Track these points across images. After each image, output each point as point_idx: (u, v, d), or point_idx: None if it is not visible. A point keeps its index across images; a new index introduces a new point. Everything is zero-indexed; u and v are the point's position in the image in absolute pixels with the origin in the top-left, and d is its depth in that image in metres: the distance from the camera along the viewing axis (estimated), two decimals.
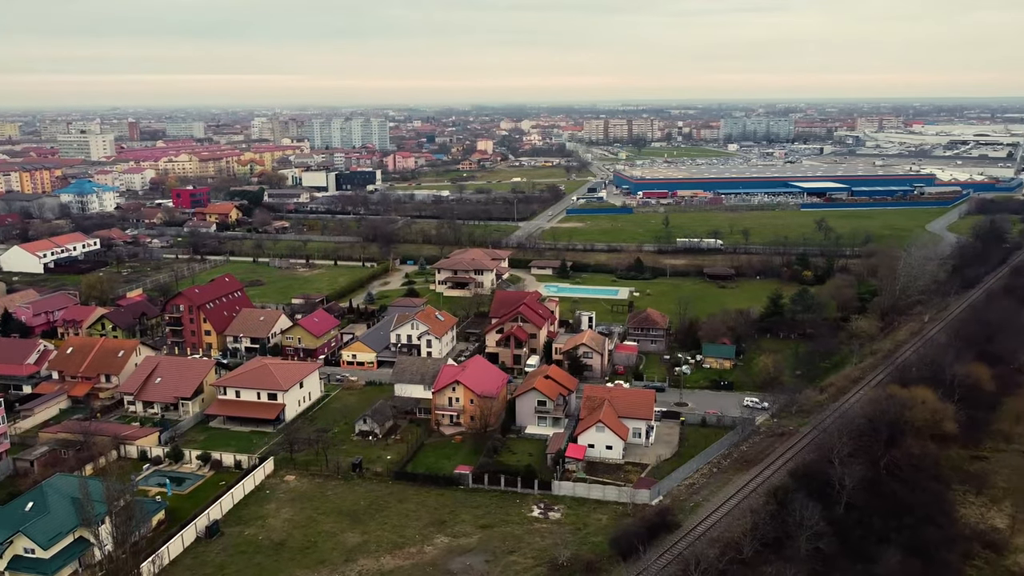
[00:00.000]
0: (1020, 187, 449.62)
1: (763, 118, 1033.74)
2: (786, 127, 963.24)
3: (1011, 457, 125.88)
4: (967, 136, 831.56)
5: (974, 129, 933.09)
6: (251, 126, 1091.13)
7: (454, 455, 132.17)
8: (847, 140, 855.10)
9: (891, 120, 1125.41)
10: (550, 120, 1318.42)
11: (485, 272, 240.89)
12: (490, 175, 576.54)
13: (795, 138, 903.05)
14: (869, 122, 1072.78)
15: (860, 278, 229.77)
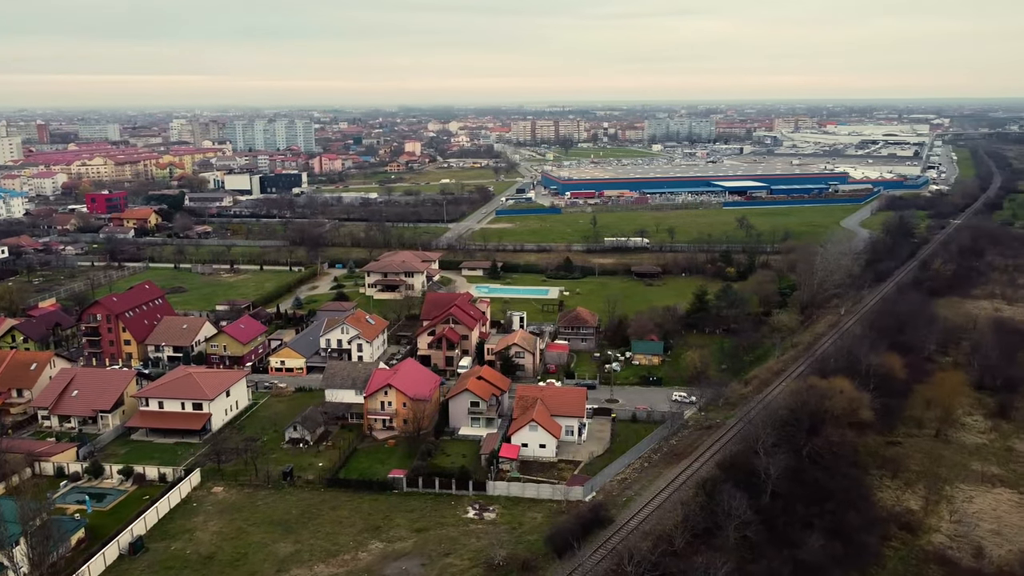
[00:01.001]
0: (926, 184, 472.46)
1: (686, 119, 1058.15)
2: (708, 128, 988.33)
3: (923, 442, 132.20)
4: (877, 136, 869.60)
5: (883, 129, 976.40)
6: (170, 128, 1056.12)
7: (388, 459, 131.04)
8: (765, 140, 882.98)
9: (806, 121, 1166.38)
10: (478, 121, 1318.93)
11: (416, 274, 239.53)
12: (419, 177, 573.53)
13: (716, 138, 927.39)
14: (786, 123, 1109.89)
15: (780, 273, 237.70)
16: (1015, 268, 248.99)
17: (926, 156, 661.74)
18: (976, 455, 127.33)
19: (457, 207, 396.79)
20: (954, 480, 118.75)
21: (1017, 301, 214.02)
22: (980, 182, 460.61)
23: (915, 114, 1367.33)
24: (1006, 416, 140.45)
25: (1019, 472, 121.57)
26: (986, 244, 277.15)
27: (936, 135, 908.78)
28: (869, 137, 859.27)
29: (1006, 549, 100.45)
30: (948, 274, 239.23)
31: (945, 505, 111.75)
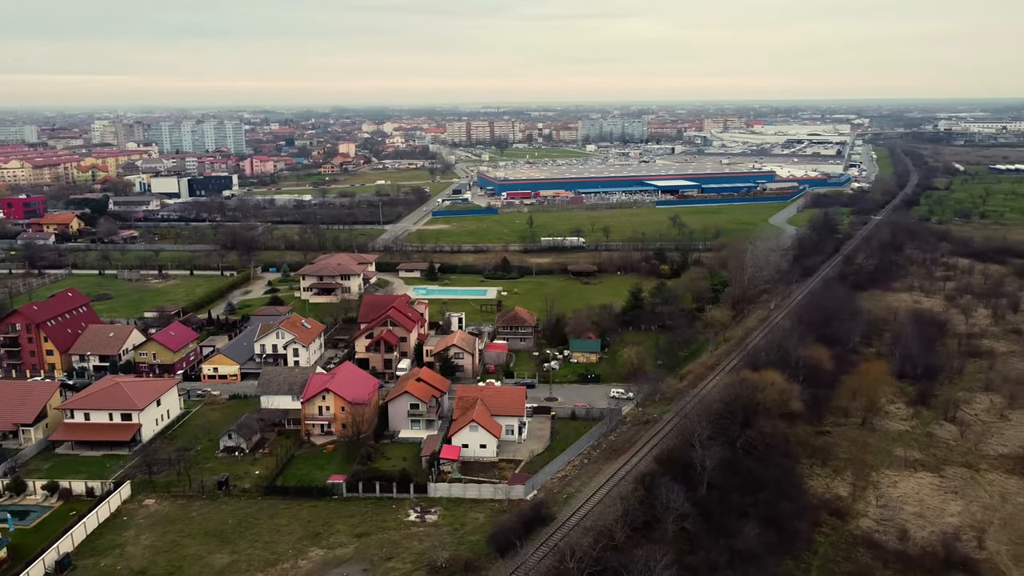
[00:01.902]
0: (848, 182, 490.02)
1: (618, 119, 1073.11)
2: (640, 128, 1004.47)
3: (850, 430, 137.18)
4: (802, 135, 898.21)
5: (807, 129, 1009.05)
6: (91, 130, 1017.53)
7: (327, 465, 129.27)
8: (696, 140, 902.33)
9: (735, 121, 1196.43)
10: (412, 122, 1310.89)
11: (352, 277, 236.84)
12: (353, 178, 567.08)
13: (648, 138, 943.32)
14: (715, 123, 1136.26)
15: (712, 270, 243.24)
16: (932, 262, 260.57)
17: (848, 155, 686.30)
18: (899, 441, 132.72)
19: (393, 208, 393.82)
20: (879, 466, 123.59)
21: (934, 293, 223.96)
22: (898, 179, 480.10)
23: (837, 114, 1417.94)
24: (926, 403, 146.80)
25: (939, 456, 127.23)
26: (905, 239, 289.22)
27: (857, 134, 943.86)
28: (794, 137, 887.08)
29: (928, 531, 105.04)
30: (870, 268, 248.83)
31: (871, 490, 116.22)
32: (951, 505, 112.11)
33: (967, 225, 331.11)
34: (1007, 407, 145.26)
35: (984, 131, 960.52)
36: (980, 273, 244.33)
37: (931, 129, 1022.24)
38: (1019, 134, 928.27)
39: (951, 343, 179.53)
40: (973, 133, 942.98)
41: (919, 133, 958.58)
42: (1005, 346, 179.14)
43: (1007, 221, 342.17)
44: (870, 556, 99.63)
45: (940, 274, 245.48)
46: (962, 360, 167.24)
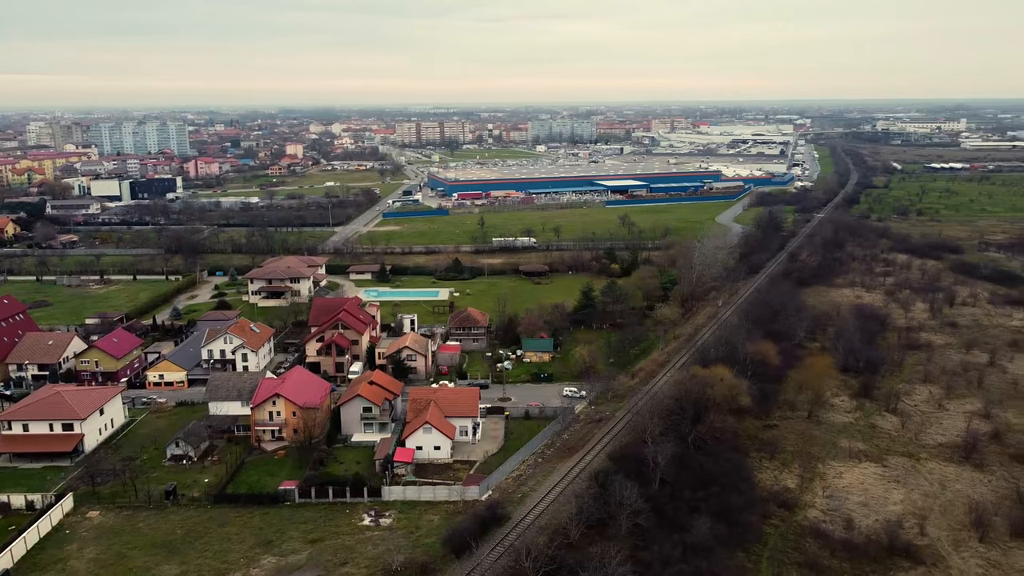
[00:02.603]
0: (792, 181, 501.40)
1: (568, 120, 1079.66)
2: (589, 129, 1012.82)
3: (796, 423, 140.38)
4: (746, 136, 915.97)
5: (752, 129, 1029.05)
6: (26, 131, 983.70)
7: (278, 471, 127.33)
8: (644, 140, 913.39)
9: (681, 122, 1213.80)
10: (361, 123, 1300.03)
11: (302, 280, 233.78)
12: (302, 180, 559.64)
13: (597, 139, 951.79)
14: (662, 123, 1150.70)
15: (662, 268, 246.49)
16: (872, 258, 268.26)
17: (791, 154, 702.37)
18: (844, 433, 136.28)
19: (343, 210, 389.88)
20: (825, 458, 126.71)
21: (875, 288, 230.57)
22: (839, 178, 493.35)
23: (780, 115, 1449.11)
24: (868, 395, 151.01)
25: (882, 447, 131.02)
26: (846, 236, 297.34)
27: (799, 135, 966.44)
28: (739, 137, 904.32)
29: (872, 519, 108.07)
30: (814, 265, 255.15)
31: (818, 482, 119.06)
32: (894, 494, 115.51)
33: (905, 222, 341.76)
34: (944, 397, 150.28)
35: (919, 131, 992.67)
36: (918, 268, 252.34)
37: (870, 129, 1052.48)
38: (952, 134, 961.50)
39: (891, 337, 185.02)
40: (909, 133, 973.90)
41: (858, 133, 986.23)
42: (942, 339, 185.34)
43: (942, 218, 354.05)
44: (817, 546, 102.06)
45: (880, 270, 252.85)
46: (902, 353, 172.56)
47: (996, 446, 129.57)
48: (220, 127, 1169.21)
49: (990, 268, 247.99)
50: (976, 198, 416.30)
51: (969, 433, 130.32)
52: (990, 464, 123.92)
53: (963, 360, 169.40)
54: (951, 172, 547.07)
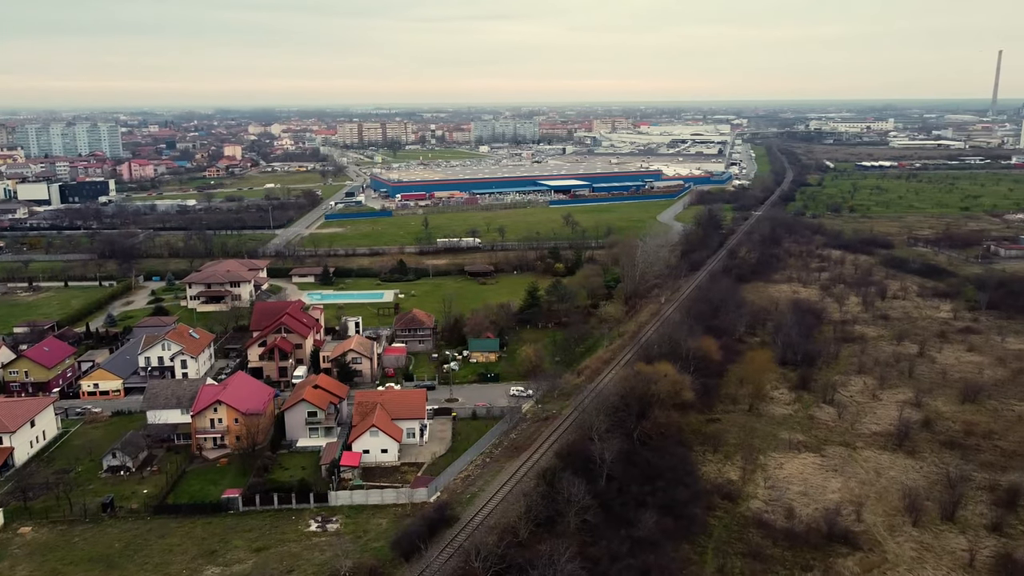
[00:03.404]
0: (730, 179, 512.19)
1: (510, 121, 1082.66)
2: (531, 129, 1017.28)
3: (738, 417, 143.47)
4: (685, 135, 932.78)
5: (691, 129, 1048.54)
6: None
7: (221, 480, 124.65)
8: (586, 141, 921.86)
9: (622, 122, 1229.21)
10: (302, 124, 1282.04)
11: (242, 284, 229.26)
12: (241, 182, 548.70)
13: (540, 139, 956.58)
14: (604, 124, 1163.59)
15: (605, 267, 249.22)
16: (807, 254, 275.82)
17: (729, 154, 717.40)
18: (783, 425, 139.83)
19: (284, 212, 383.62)
20: (766, 449, 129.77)
21: (811, 283, 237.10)
22: (775, 176, 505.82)
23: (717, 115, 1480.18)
24: (806, 388, 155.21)
25: (820, 437, 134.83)
26: (783, 233, 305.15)
27: (736, 134, 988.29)
28: (679, 137, 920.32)
29: (812, 508, 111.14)
30: (752, 261, 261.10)
31: (760, 473, 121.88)
32: (832, 482, 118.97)
33: (838, 219, 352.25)
34: (878, 388, 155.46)
35: (850, 131, 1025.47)
36: (851, 263, 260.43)
37: (803, 129, 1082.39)
38: (881, 133, 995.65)
39: (827, 330, 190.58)
40: (841, 132, 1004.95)
41: (793, 132, 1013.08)
42: (875, 331, 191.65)
43: (873, 215, 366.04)
44: (760, 535, 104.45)
45: (815, 265, 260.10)
46: (837, 345, 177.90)
47: (927, 433, 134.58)
48: (154, 128, 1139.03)
49: (918, 263, 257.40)
50: (904, 195, 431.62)
51: (901, 422, 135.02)
52: (921, 451, 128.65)
53: (895, 351, 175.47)
54: (881, 170, 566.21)
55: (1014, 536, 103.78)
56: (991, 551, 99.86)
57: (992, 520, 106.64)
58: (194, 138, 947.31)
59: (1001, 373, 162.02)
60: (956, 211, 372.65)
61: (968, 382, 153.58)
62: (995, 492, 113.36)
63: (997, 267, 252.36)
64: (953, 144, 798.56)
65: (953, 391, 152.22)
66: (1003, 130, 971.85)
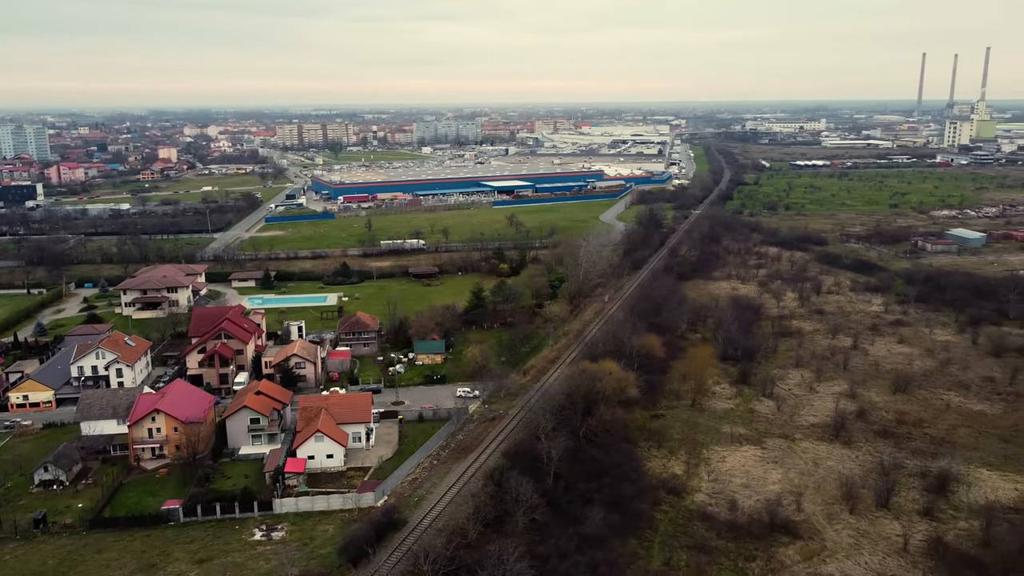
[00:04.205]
0: (670, 179, 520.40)
1: (453, 122, 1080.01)
2: (474, 130, 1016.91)
3: (681, 412, 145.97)
4: (626, 136, 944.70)
5: (631, 130, 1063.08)
6: None
7: (160, 491, 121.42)
8: (528, 141, 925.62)
9: (564, 123, 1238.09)
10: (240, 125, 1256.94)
11: (180, 289, 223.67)
12: (177, 185, 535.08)
13: (483, 140, 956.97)
14: (546, 125, 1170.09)
15: (549, 267, 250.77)
16: (745, 251, 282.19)
17: (668, 154, 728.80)
18: (725, 419, 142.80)
19: (222, 216, 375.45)
20: (709, 443, 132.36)
21: (749, 280, 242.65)
22: (714, 176, 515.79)
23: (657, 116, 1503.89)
24: (746, 382, 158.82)
25: (760, 430, 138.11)
26: (722, 231, 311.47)
27: (676, 135, 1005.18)
28: (619, 137, 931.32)
29: (754, 499, 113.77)
30: (693, 259, 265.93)
31: (703, 467, 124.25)
32: (772, 474, 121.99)
33: (774, 216, 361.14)
34: (815, 380, 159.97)
35: (785, 131, 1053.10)
36: (787, 260, 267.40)
37: (740, 129, 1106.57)
38: (814, 133, 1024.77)
39: (766, 325, 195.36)
40: (776, 132, 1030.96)
41: (729, 133, 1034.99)
42: (811, 325, 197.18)
43: (807, 212, 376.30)
44: (705, 528, 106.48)
45: (753, 262, 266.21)
46: (775, 340, 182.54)
47: (861, 423, 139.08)
48: (85, 130, 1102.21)
49: (851, 258, 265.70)
50: (837, 193, 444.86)
51: (837, 413, 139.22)
52: (857, 440, 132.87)
53: (830, 345, 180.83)
54: (814, 169, 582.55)
55: (944, 520, 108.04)
56: (923, 535, 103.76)
57: (923, 505, 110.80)
58: (127, 140, 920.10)
59: (930, 364, 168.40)
60: (885, 208, 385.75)
61: (899, 373, 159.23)
62: (926, 478, 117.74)
63: (924, 262, 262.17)
64: (882, 143, 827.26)
65: (885, 382, 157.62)
66: (928, 130, 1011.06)
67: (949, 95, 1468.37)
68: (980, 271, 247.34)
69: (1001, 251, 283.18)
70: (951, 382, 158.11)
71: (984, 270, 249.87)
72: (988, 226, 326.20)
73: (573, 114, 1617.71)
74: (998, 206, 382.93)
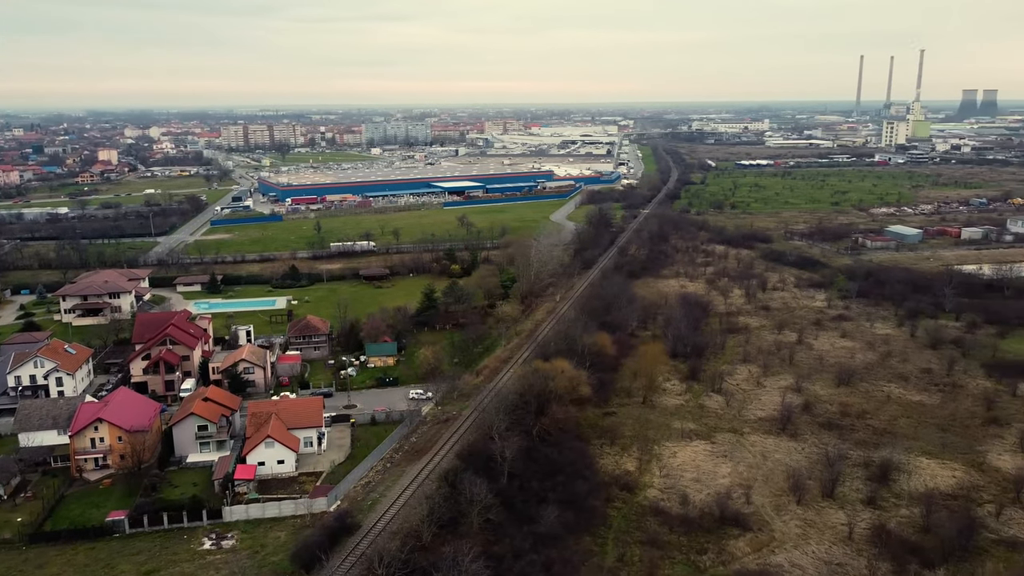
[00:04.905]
0: (618, 179, 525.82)
1: (402, 123, 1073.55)
2: (424, 131, 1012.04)
3: (633, 409, 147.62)
4: (575, 136, 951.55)
5: (580, 130, 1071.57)
6: None
7: (105, 502, 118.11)
8: (478, 142, 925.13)
9: (514, 123, 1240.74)
10: (183, 126, 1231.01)
11: (122, 295, 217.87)
12: (118, 188, 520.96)
13: (433, 141, 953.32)
14: (495, 125, 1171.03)
15: (501, 267, 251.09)
16: (693, 249, 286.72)
17: (617, 154, 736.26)
18: (676, 415, 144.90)
19: (166, 219, 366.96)
20: (660, 439, 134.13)
21: (697, 278, 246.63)
22: (661, 176, 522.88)
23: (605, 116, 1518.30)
24: (696, 378, 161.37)
25: (710, 425, 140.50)
26: (670, 230, 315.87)
27: (624, 135, 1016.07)
28: (569, 138, 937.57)
29: (704, 493, 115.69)
30: (642, 258, 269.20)
31: (655, 463, 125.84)
32: (722, 468, 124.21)
33: (721, 215, 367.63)
34: (762, 375, 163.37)
35: (730, 131, 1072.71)
36: (734, 258, 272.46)
37: (686, 129, 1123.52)
38: (758, 133, 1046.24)
39: (714, 322, 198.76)
40: (721, 133, 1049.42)
41: (676, 133, 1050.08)
42: (757, 321, 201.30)
43: (753, 211, 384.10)
44: (657, 523, 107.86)
45: (701, 260, 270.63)
46: (724, 336, 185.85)
47: (807, 416, 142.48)
48: (19, 131, 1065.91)
49: (795, 255, 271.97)
50: (781, 192, 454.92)
51: (784, 407, 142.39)
52: (803, 433, 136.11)
53: (776, 340, 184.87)
54: (758, 168, 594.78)
55: (887, 508, 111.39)
56: (867, 523, 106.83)
57: (867, 494, 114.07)
58: (64, 142, 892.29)
59: (871, 357, 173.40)
60: (827, 206, 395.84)
61: (842, 366, 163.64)
62: (869, 468, 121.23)
63: (865, 258, 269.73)
64: (823, 143, 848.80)
65: (829, 375, 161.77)
66: (867, 130, 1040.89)
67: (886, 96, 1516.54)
68: (917, 266, 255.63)
69: (936, 247, 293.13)
70: (891, 374, 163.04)
71: (921, 265, 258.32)
72: (924, 223, 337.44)
73: (522, 115, 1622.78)
74: (933, 203, 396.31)
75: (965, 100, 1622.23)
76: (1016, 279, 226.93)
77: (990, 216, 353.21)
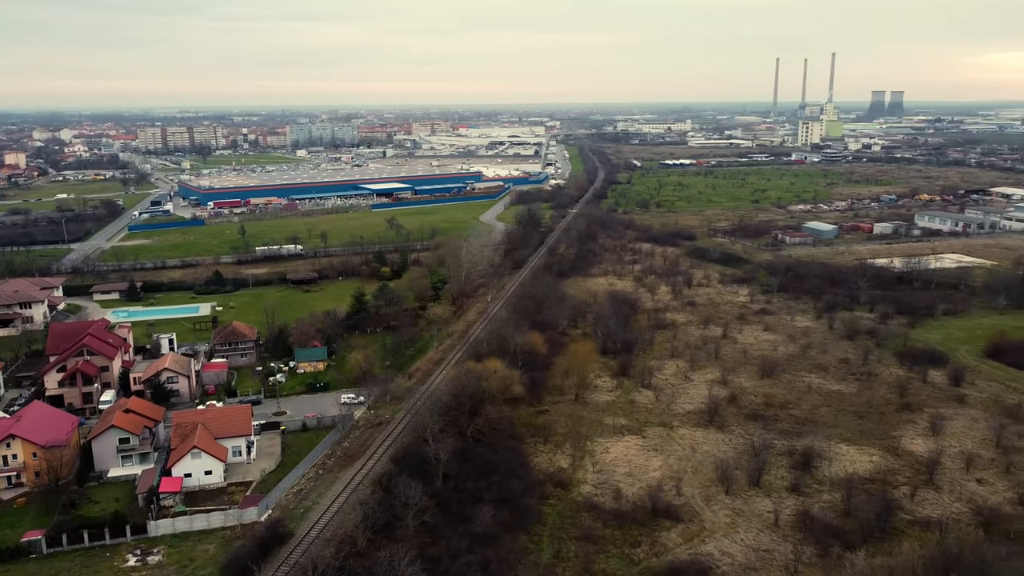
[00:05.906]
0: (546, 179, 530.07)
1: (328, 124, 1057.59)
2: (350, 132, 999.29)
3: (565, 407, 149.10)
4: (503, 137, 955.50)
5: (508, 131, 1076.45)
6: None
7: (19, 522, 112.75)
8: (406, 144, 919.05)
9: (441, 124, 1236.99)
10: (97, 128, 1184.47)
11: (34, 304, 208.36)
12: (27, 193, 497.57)
13: (360, 143, 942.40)
14: (423, 126, 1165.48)
15: (431, 269, 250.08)
16: (621, 248, 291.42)
17: (544, 154, 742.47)
18: (607, 411, 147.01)
19: (80, 225, 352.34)
20: (593, 436, 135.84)
21: (625, 275, 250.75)
22: (588, 176, 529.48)
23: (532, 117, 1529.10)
24: (626, 374, 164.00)
25: (640, 420, 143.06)
26: (598, 229, 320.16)
27: (551, 136, 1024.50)
28: (497, 139, 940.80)
29: (637, 487, 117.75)
30: (571, 257, 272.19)
31: (588, 459, 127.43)
32: (653, 461, 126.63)
33: (647, 214, 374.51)
34: (689, 370, 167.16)
35: (654, 131, 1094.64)
36: (660, 255, 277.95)
37: (612, 130, 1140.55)
38: (681, 133, 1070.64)
39: (642, 318, 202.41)
40: (645, 133, 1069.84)
41: (602, 133, 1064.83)
42: (684, 317, 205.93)
43: (677, 209, 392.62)
44: (592, 518, 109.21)
45: (628, 258, 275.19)
46: (652, 332, 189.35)
47: (733, 408, 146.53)
48: None
49: (718, 252, 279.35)
50: (703, 190, 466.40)
51: (711, 399, 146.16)
52: (729, 425, 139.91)
53: (702, 335, 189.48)
54: (682, 168, 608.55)
55: (810, 494, 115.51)
56: (792, 509, 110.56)
57: (791, 482, 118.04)
58: None
59: (792, 349, 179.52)
60: (748, 204, 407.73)
61: (765, 359, 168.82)
62: (792, 456, 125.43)
63: (784, 254, 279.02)
64: (742, 143, 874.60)
65: (753, 368, 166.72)
66: (783, 130, 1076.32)
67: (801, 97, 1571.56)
68: (833, 261, 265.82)
69: (851, 241, 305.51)
70: (811, 365, 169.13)
71: (836, 260, 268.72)
72: (839, 219, 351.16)
73: (450, 116, 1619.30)
74: (847, 200, 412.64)
75: (874, 101, 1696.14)
76: (924, 271, 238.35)
77: (899, 212, 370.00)
